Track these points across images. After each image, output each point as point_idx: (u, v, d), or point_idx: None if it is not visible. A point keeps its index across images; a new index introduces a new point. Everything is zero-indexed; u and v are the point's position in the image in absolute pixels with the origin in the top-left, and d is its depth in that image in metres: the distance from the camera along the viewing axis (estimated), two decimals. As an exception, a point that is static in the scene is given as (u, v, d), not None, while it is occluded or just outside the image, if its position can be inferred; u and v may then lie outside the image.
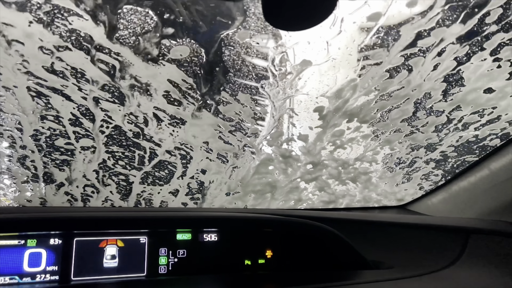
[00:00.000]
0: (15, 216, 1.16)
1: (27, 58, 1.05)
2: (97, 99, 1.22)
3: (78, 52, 1.05)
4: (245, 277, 1.34)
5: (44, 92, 1.15)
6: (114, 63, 1.11)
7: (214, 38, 1.10)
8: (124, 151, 1.46)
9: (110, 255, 1.23)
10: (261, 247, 1.39)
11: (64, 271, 1.18)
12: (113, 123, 1.32)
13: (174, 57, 1.16)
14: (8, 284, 1.12)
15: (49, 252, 1.17)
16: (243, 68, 1.21)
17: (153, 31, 1.03)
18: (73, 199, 1.64)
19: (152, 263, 1.26)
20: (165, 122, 1.36)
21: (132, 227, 1.27)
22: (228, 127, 1.44)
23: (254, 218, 1.39)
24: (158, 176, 1.61)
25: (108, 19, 0.98)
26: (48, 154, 1.40)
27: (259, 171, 1.71)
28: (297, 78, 1.28)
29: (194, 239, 1.32)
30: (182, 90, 1.24)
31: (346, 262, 1.41)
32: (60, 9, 0.94)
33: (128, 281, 1.24)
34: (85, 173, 1.51)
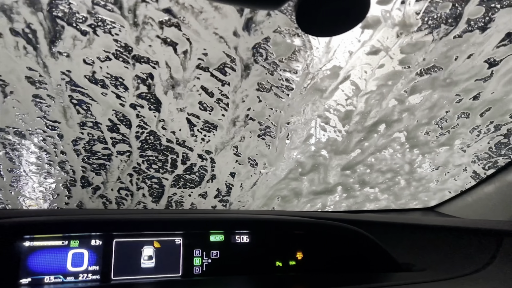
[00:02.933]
0: (60, 219, 1.22)
1: (71, 68, 1.10)
2: (134, 105, 1.27)
3: (118, 62, 1.10)
4: (277, 278, 1.36)
5: (85, 100, 1.21)
6: (152, 72, 1.16)
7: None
8: (157, 155, 1.51)
9: (147, 256, 1.27)
10: (291, 249, 1.41)
11: (105, 271, 1.23)
12: (148, 129, 1.37)
13: (206, 65, 1.20)
14: (53, 283, 1.18)
15: (91, 252, 1.23)
16: (275, 73, 1.24)
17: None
18: (107, 202, 1.71)
19: (187, 263, 1.30)
20: (197, 127, 1.41)
21: (168, 228, 1.31)
22: (258, 131, 1.47)
23: (285, 221, 1.41)
24: (189, 179, 1.66)
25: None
26: (86, 158, 1.46)
27: (287, 176, 1.73)
28: (327, 81, 1.30)
29: (227, 240, 1.36)
30: (214, 97, 1.28)
31: (377, 264, 1.41)
32: (103, 21, 0.99)
33: (164, 281, 1.28)
34: (120, 177, 1.57)
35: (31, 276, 1.17)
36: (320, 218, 1.47)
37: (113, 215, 1.30)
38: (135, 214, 1.37)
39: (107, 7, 0.96)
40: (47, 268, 1.19)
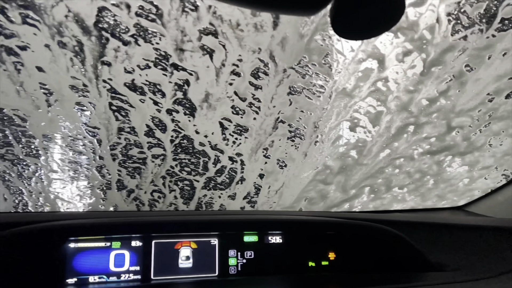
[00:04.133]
0: (102, 221, 1.28)
1: (112, 76, 1.15)
2: (170, 111, 1.32)
3: (156, 70, 1.14)
4: (310, 278, 1.38)
5: (124, 107, 1.26)
6: (188, 78, 1.20)
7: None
8: (190, 158, 1.55)
9: (184, 256, 1.31)
10: (324, 249, 1.43)
11: (145, 271, 1.28)
12: (182, 133, 1.42)
13: (239, 71, 1.23)
14: (97, 283, 1.23)
15: (132, 253, 1.27)
16: (307, 76, 1.26)
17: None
18: (141, 204, 1.76)
19: (223, 263, 1.33)
20: (229, 131, 1.44)
21: (204, 230, 1.35)
22: (288, 133, 1.50)
23: (317, 221, 1.43)
24: (219, 181, 1.70)
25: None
26: (122, 162, 1.52)
27: (315, 177, 1.75)
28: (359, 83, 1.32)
29: (260, 241, 1.39)
30: (247, 101, 1.31)
31: (410, 264, 1.42)
32: (145, 30, 1.04)
33: (202, 281, 1.32)
34: (153, 180, 1.62)
35: (77, 276, 1.22)
36: (351, 219, 1.48)
37: (152, 217, 1.35)
38: (171, 216, 1.42)
39: (149, 17, 1.00)
40: (91, 268, 1.25)
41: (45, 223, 1.22)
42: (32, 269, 1.19)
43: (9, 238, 1.16)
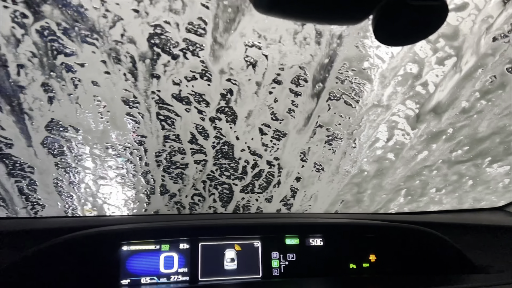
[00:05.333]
0: (152, 226, 1.35)
1: (161, 88, 1.22)
2: (213, 119, 1.37)
3: (202, 81, 1.20)
4: (352, 280, 1.40)
5: (170, 116, 1.33)
6: (231, 87, 1.25)
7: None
8: (230, 163, 1.60)
9: (229, 258, 1.36)
10: (364, 251, 1.45)
11: (193, 272, 1.33)
12: (223, 139, 1.47)
13: (280, 79, 1.27)
14: (149, 284, 1.30)
15: (180, 255, 1.33)
16: (346, 82, 1.29)
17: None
18: (181, 207, 1.83)
19: (266, 265, 1.37)
20: (268, 136, 1.48)
21: (247, 233, 1.40)
22: (325, 137, 1.53)
23: (358, 224, 1.45)
24: (257, 185, 1.74)
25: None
26: (166, 168, 1.58)
27: (351, 180, 1.77)
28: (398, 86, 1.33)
29: (302, 243, 1.42)
30: (286, 107, 1.35)
31: (452, 265, 1.42)
32: (194, 44, 1.10)
33: (246, 282, 1.36)
34: (194, 184, 1.69)
35: (130, 278, 1.29)
36: (390, 221, 1.50)
37: (198, 221, 1.41)
38: (214, 220, 1.48)
39: (198, 32, 1.05)
40: (143, 270, 1.31)
41: (100, 227, 1.30)
42: (90, 270, 1.27)
43: (69, 242, 1.25)
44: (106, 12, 0.95)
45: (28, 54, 1.03)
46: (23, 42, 0.98)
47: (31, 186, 1.56)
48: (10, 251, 1.30)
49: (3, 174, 1.48)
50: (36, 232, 1.38)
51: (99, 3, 0.92)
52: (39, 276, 1.19)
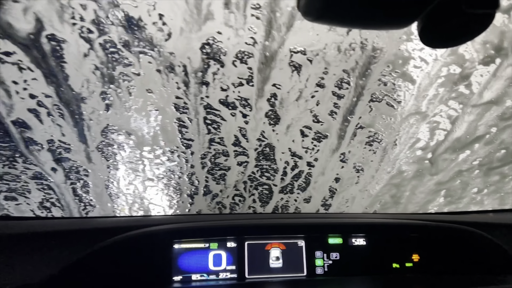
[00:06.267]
0: (202, 225, 1.41)
1: (209, 94, 1.28)
2: (257, 122, 1.42)
3: (248, 86, 1.25)
4: (395, 279, 1.41)
5: (216, 120, 1.39)
6: (276, 92, 1.29)
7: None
8: (270, 164, 1.65)
9: (275, 257, 1.40)
10: (407, 251, 1.45)
11: (240, 270, 1.38)
12: (265, 141, 1.52)
13: (323, 83, 1.30)
14: (199, 280, 1.36)
15: (228, 253, 1.39)
16: (389, 83, 1.31)
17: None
18: (222, 207, 1.89)
19: (310, 264, 1.40)
20: (309, 137, 1.52)
21: (291, 232, 1.44)
22: (366, 139, 1.55)
23: (401, 224, 1.46)
24: (296, 185, 1.78)
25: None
26: (210, 169, 1.65)
27: (390, 181, 1.78)
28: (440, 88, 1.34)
29: (345, 243, 1.44)
30: (328, 109, 1.39)
31: (498, 265, 1.41)
32: (242, 52, 1.15)
33: (291, 280, 1.40)
34: (236, 185, 1.75)
35: (182, 274, 1.35)
36: (432, 221, 1.49)
37: (245, 221, 1.46)
38: (259, 220, 1.52)
39: (247, 42, 1.11)
40: (193, 267, 1.37)
41: (153, 227, 1.37)
42: (144, 268, 1.34)
43: (125, 241, 1.32)
44: (162, 26, 1.02)
45: (91, 66, 1.11)
46: (88, 55, 1.06)
47: (84, 187, 1.66)
48: (67, 250, 1.38)
49: (61, 176, 1.59)
50: (90, 232, 1.46)
51: (157, 17, 0.99)
52: (97, 273, 1.27)
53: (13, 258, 1.28)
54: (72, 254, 1.28)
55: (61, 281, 1.17)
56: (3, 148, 1.42)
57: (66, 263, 1.25)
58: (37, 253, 1.32)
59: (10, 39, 1.03)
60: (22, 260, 1.29)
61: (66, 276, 1.23)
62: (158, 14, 0.99)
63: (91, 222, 1.60)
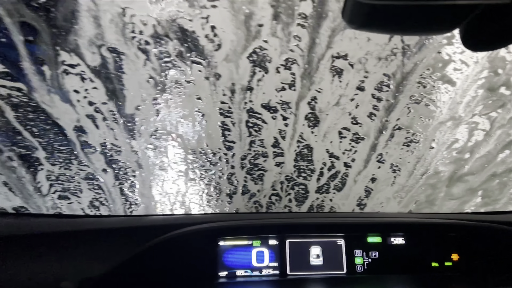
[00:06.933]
0: (245, 223, 1.47)
1: (253, 99, 1.34)
2: (296, 124, 1.48)
3: (290, 91, 1.31)
4: (435, 278, 1.43)
5: (258, 123, 1.45)
6: (316, 95, 1.34)
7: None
8: (307, 165, 1.70)
9: (315, 255, 1.44)
10: (447, 250, 1.47)
11: (282, 267, 1.43)
12: (304, 143, 1.57)
13: (363, 85, 1.34)
14: (243, 276, 1.42)
15: (270, 251, 1.44)
16: (428, 86, 1.33)
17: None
18: (259, 206, 1.96)
19: (350, 262, 1.44)
20: (347, 139, 1.56)
21: (331, 231, 1.48)
22: (403, 139, 1.57)
23: (440, 223, 1.48)
24: (333, 185, 1.82)
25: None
26: (249, 170, 1.72)
27: (427, 181, 1.79)
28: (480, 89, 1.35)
29: (384, 242, 1.47)
30: (367, 111, 1.42)
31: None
32: (287, 60, 1.21)
33: (331, 277, 1.44)
34: (273, 184, 1.81)
35: (227, 270, 1.42)
36: (471, 220, 1.50)
37: (286, 219, 1.51)
38: (301, 219, 1.57)
39: (292, 50, 1.16)
40: (238, 263, 1.44)
41: (199, 225, 1.45)
42: (191, 264, 1.41)
43: (174, 238, 1.40)
44: (214, 37, 1.09)
45: (146, 75, 1.19)
46: (144, 65, 1.14)
47: (131, 187, 1.76)
48: (117, 247, 1.46)
49: (110, 177, 1.69)
50: (137, 229, 1.54)
51: (210, 29, 1.06)
52: (148, 269, 1.34)
53: (65, 254, 1.37)
54: (121, 251, 1.36)
55: (114, 276, 1.25)
56: (61, 151, 1.53)
57: (116, 260, 1.33)
58: (89, 249, 1.40)
59: (75, 52, 1.12)
60: (74, 256, 1.38)
61: (118, 272, 1.31)
62: (211, 26, 1.06)
63: (137, 220, 1.69)
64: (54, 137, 1.44)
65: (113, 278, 1.28)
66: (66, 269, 1.33)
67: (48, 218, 1.90)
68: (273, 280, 1.45)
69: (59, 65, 1.15)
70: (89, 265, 1.35)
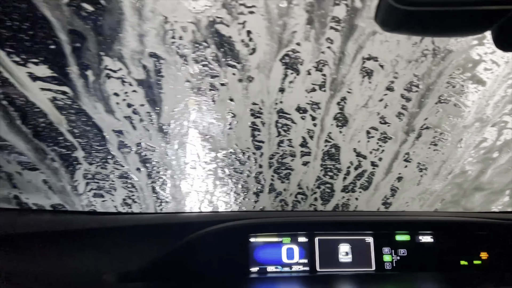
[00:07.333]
0: (275, 221, 1.51)
1: (283, 99, 1.39)
2: (324, 124, 1.51)
3: (320, 92, 1.35)
4: (464, 276, 1.45)
5: (287, 123, 1.49)
6: (345, 96, 1.38)
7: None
8: (334, 164, 1.73)
9: (344, 252, 1.48)
10: (475, 248, 1.48)
11: (311, 263, 1.47)
12: (331, 142, 1.60)
13: (393, 86, 1.37)
14: (274, 272, 1.46)
15: (300, 248, 1.48)
16: (457, 85, 1.35)
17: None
18: (285, 204, 2.00)
19: (378, 259, 1.46)
20: (374, 138, 1.58)
21: (359, 229, 1.51)
22: (431, 139, 1.59)
23: (469, 222, 1.49)
24: (359, 184, 1.85)
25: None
26: (277, 169, 1.76)
27: (454, 180, 1.80)
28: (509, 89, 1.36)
29: (412, 240, 1.49)
30: (396, 111, 1.45)
31: None
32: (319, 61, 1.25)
33: (360, 274, 1.47)
34: (300, 183, 1.84)
35: (258, 266, 1.46)
36: (500, 219, 1.51)
37: (314, 217, 1.55)
38: (333, 217, 1.61)
39: (324, 52, 1.20)
40: (268, 259, 1.48)
41: (230, 222, 1.50)
42: (223, 260, 1.46)
43: (208, 235, 1.45)
44: (249, 42, 1.13)
45: (183, 78, 1.25)
46: (182, 69, 1.20)
47: (162, 185, 1.83)
48: (150, 242, 1.51)
49: (143, 176, 1.76)
50: (169, 226, 1.59)
51: (246, 34, 1.11)
52: (182, 264, 1.39)
53: (103, 249, 1.44)
54: (157, 246, 1.42)
55: (151, 270, 1.31)
56: (99, 150, 1.61)
57: (153, 254, 1.39)
58: (125, 245, 1.46)
59: (117, 58, 1.19)
60: (111, 251, 1.45)
61: (155, 267, 1.37)
62: (247, 31, 1.11)
63: (169, 217, 1.75)
64: (93, 138, 1.51)
65: (150, 272, 1.33)
66: (105, 263, 1.40)
67: (83, 215, 1.99)
68: (303, 276, 1.49)
69: (102, 70, 1.22)
70: (126, 260, 1.41)
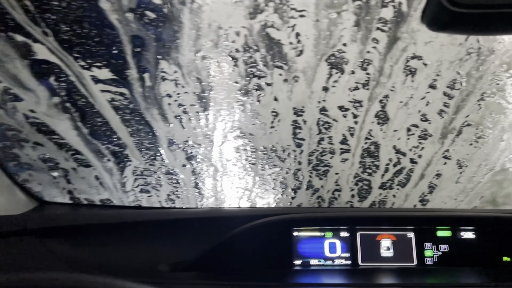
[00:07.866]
0: (318, 215, 1.57)
1: (326, 98, 1.44)
2: (365, 121, 1.55)
3: (363, 90, 1.39)
4: (506, 272, 1.46)
5: (329, 121, 1.54)
6: (388, 93, 1.41)
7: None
8: (373, 161, 1.76)
9: (385, 247, 1.51)
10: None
11: (353, 257, 1.51)
12: (371, 139, 1.64)
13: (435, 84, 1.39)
14: (317, 265, 1.52)
15: (342, 242, 1.53)
16: (501, 83, 1.36)
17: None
18: (322, 201, 2.04)
19: (420, 254, 1.49)
20: (414, 135, 1.61)
21: (400, 224, 1.54)
22: (472, 136, 1.60)
23: (511, 218, 1.50)
24: (397, 181, 1.87)
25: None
26: (315, 166, 1.81)
27: (494, 177, 1.79)
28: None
29: (454, 235, 1.51)
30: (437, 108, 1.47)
31: None
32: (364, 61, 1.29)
33: (402, 269, 1.50)
34: (337, 180, 1.88)
35: (302, 259, 1.52)
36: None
37: (356, 213, 1.60)
38: (371, 212, 1.65)
39: (369, 51, 1.24)
40: (311, 253, 1.53)
41: (275, 217, 1.56)
42: (267, 253, 1.52)
43: (253, 229, 1.51)
44: (297, 44, 1.19)
45: (232, 80, 1.32)
46: (232, 71, 1.27)
47: (205, 181, 1.91)
48: (195, 236, 1.58)
49: (188, 172, 1.85)
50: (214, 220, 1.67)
51: (294, 37, 1.16)
52: (229, 257, 1.46)
53: (152, 242, 1.53)
54: (204, 239, 1.49)
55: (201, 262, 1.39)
56: (148, 148, 1.71)
57: (201, 247, 1.46)
58: (173, 237, 1.55)
59: (173, 61, 1.27)
60: (160, 244, 1.54)
61: (204, 259, 1.44)
62: (296, 33, 1.16)
63: (212, 212, 1.84)
64: (145, 136, 1.61)
65: (200, 263, 1.42)
66: (156, 254, 1.50)
67: (131, 210, 2.11)
68: (345, 269, 1.54)
69: (159, 72, 1.31)
70: (175, 252, 1.50)
